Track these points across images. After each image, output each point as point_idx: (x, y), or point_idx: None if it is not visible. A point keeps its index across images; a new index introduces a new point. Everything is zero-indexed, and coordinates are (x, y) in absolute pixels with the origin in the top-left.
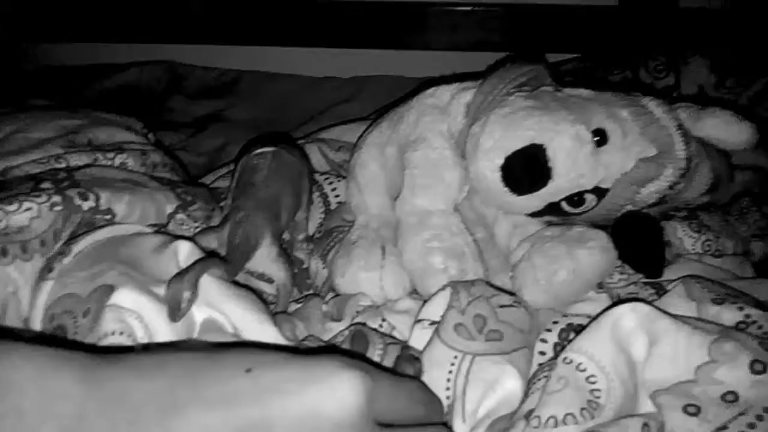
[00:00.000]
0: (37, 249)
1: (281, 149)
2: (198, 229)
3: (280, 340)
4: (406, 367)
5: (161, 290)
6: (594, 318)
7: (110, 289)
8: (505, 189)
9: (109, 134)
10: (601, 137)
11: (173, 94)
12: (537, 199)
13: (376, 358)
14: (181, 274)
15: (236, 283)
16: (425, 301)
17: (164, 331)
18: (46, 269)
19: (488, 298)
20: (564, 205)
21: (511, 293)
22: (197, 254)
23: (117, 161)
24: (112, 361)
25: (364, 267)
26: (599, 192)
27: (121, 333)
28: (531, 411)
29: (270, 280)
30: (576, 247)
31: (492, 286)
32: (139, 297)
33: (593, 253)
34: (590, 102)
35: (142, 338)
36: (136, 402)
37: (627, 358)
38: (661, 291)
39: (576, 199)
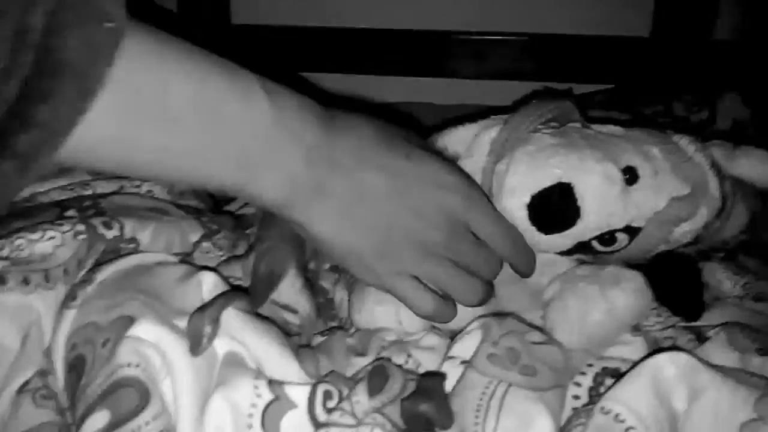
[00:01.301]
0: (60, 277)
1: None
2: (223, 257)
3: (301, 376)
4: (421, 404)
5: (183, 322)
6: (633, 366)
7: (130, 321)
8: (533, 227)
9: None
10: (631, 175)
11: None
12: (566, 238)
13: (395, 391)
14: (203, 308)
15: (259, 316)
16: (453, 338)
17: (184, 363)
18: (70, 297)
19: (521, 333)
20: (595, 244)
21: (543, 331)
22: (221, 286)
23: (143, 189)
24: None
25: (379, 301)
26: (631, 231)
27: (137, 365)
28: None
29: (295, 311)
30: (610, 288)
31: (523, 322)
32: (159, 329)
33: (628, 294)
34: (619, 139)
35: (159, 370)
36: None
37: (667, 410)
38: (701, 338)
39: (607, 237)
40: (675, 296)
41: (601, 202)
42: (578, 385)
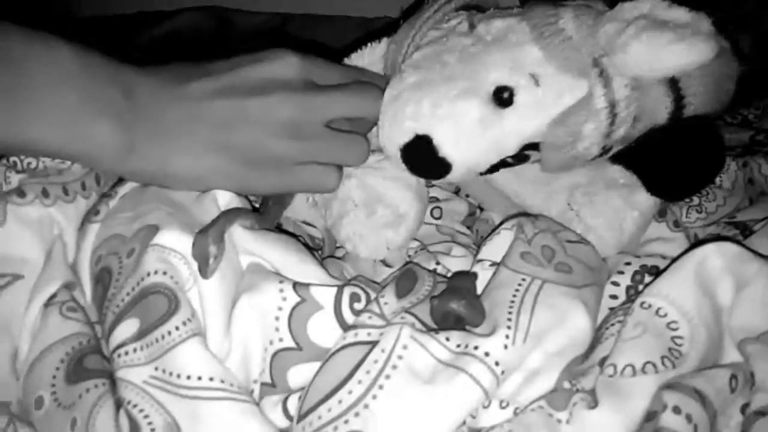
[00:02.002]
0: (78, 191)
1: None
2: None
3: (325, 279)
4: (451, 301)
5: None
6: (674, 259)
7: (155, 230)
8: None
9: None
10: (505, 96)
11: (221, 40)
12: (463, 175)
13: (424, 293)
14: (206, 229)
15: (281, 231)
16: (484, 240)
17: None
18: (93, 212)
19: (555, 232)
20: (510, 161)
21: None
22: (237, 202)
23: None
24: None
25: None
26: (533, 146)
27: (164, 273)
28: (605, 358)
29: (313, 226)
30: (629, 194)
31: (555, 222)
32: (183, 237)
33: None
34: (495, 48)
35: (187, 279)
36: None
37: (712, 302)
38: (746, 232)
39: (513, 157)
40: (651, 176)
41: (465, 147)
42: (616, 284)
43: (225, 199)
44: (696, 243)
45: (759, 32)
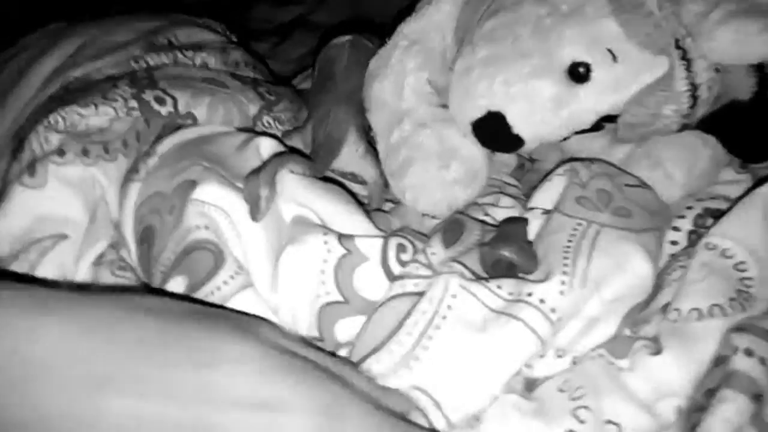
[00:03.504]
0: (119, 149)
1: (358, 36)
2: (285, 131)
3: (372, 231)
4: (502, 248)
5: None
6: (738, 199)
7: (193, 184)
8: None
9: (189, 34)
10: (580, 72)
11: (254, 1)
12: (534, 147)
13: (472, 242)
14: (257, 171)
15: (326, 180)
16: (535, 189)
17: (251, 226)
18: (133, 170)
19: (612, 176)
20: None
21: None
22: (280, 149)
23: (197, 60)
24: (55, 303)
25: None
26: (610, 118)
27: (206, 227)
28: (667, 305)
29: (362, 181)
30: (703, 135)
31: (613, 165)
32: (222, 191)
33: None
34: (571, 22)
35: (229, 233)
36: (73, 361)
37: None
38: None
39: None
40: (733, 139)
41: (539, 124)
42: (677, 229)
43: (268, 147)
44: (761, 180)
45: None
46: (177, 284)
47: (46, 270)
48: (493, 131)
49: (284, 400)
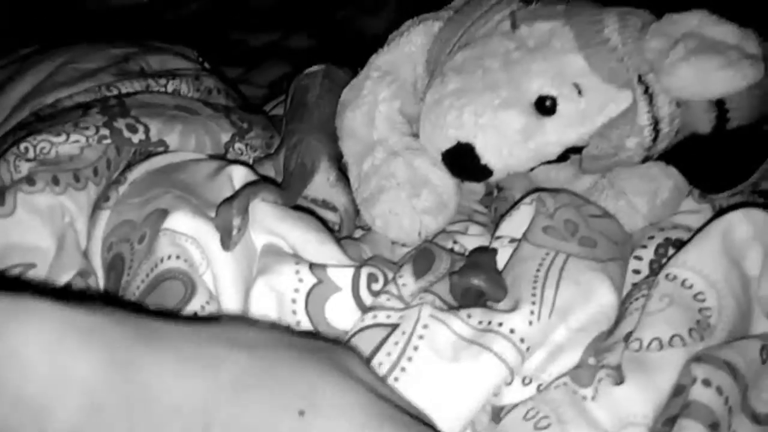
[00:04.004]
0: (90, 177)
1: (331, 66)
2: (257, 158)
3: (343, 260)
4: (471, 276)
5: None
6: (699, 230)
7: (164, 213)
8: None
9: (162, 61)
10: (547, 105)
11: (230, 26)
12: (503, 177)
13: (442, 271)
14: (230, 200)
15: (298, 209)
16: (502, 217)
17: (222, 256)
18: (103, 198)
19: (577, 206)
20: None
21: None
22: (252, 178)
23: (170, 87)
24: (153, 335)
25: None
26: (575, 149)
27: (178, 257)
28: (630, 333)
29: (333, 208)
30: (666, 166)
31: (577, 196)
32: (194, 220)
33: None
34: (537, 56)
35: (200, 263)
36: (171, 403)
37: (740, 272)
38: None
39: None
40: (693, 171)
41: (507, 155)
42: (639, 258)
43: (240, 176)
44: (721, 211)
45: None
46: None
47: None
48: (463, 161)
49: None
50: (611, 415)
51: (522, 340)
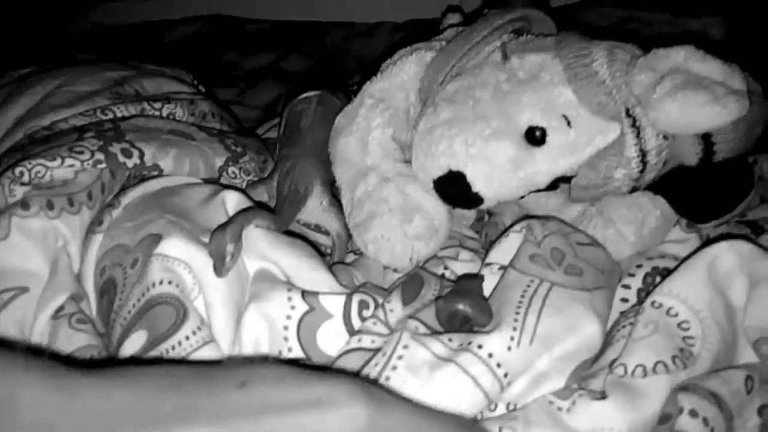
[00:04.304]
0: (84, 201)
1: (326, 92)
2: (251, 182)
3: (335, 287)
4: (457, 301)
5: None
6: (685, 259)
7: (158, 238)
8: None
9: (157, 85)
10: (537, 135)
11: (225, 48)
12: (493, 204)
13: (430, 297)
14: (223, 226)
15: (290, 234)
16: (492, 244)
17: (214, 282)
18: (96, 222)
19: (565, 234)
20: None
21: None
22: (246, 204)
23: (164, 111)
24: (94, 372)
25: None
26: (565, 178)
27: (170, 282)
28: (614, 360)
29: (326, 232)
30: (654, 196)
31: (566, 223)
32: (187, 245)
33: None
34: (527, 87)
35: (192, 288)
36: (112, 414)
37: (725, 302)
38: (758, 231)
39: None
40: (680, 201)
41: (497, 184)
42: (626, 287)
43: (234, 201)
44: (707, 242)
45: None
46: (138, 338)
47: (5, 322)
48: (455, 189)
49: None
50: (584, 423)
51: (499, 365)
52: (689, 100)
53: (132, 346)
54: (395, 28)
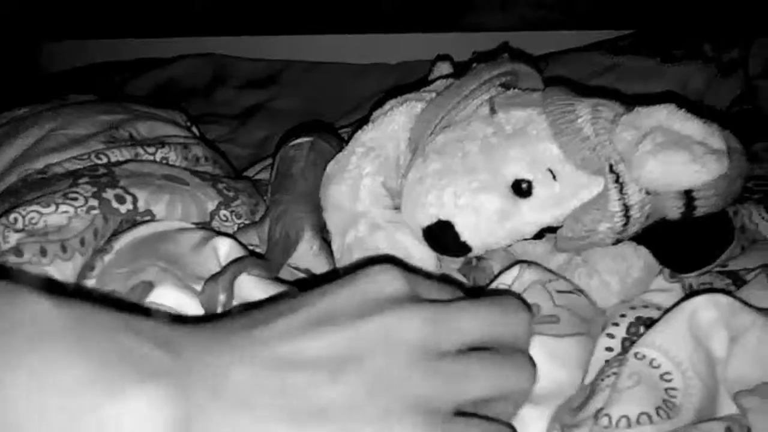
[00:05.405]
0: (77, 248)
1: (318, 138)
2: (242, 225)
3: None
4: None
5: (200, 288)
6: (667, 310)
7: (150, 287)
8: None
9: (151, 128)
10: (523, 188)
11: (218, 86)
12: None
13: None
14: (216, 276)
15: (279, 281)
16: (481, 289)
17: None
18: (88, 267)
19: (545, 283)
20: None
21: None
22: (237, 251)
23: (158, 156)
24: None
25: None
26: (551, 229)
27: None
28: (600, 410)
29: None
30: (637, 246)
31: (549, 271)
32: (179, 294)
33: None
34: (514, 142)
35: None
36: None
37: (706, 354)
38: (738, 281)
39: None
40: (662, 252)
41: (485, 234)
42: (611, 336)
43: (225, 248)
44: (690, 293)
45: None
46: None
47: None
48: (443, 238)
49: None
50: None
51: None
52: (670, 159)
53: None
54: (386, 70)
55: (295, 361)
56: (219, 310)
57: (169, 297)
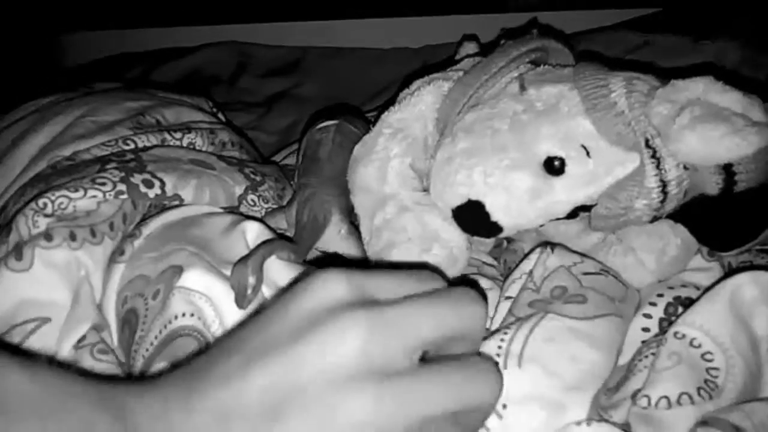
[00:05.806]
0: (106, 232)
1: (344, 121)
2: (269, 209)
3: None
4: None
5: (230, 272)
6: (707, 289)
7: (179, 270)
8: None
9: (177, 114)
10: (556, 165)
11: (242, 74)
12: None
13: None
14: (245, 258)
15: (309, 263)
16: (506, 279)
17: (235, 313)
18: (118, 252)
19: (569, 267)
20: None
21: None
22: (266, 234)
23: (185, 141)
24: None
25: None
26: (585, 208)
27: (192, 315)
28: (638, 391)
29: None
30: (675, 224)
31: (577, 252)
32: (208, 278)
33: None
34: (545, 119)
35: (213, 321)
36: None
37: (748, 333)
38: None
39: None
40: (702, 229)
41: (516, 213)
42: (648, 316)
43: (254, 232)
44: (729, 272)
45: None
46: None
47: None
48: (473, 218)
49: None
50: None
51: None
52: (708, 133)
53: None
54: (409, 54)
55: (236, 408)
56: (249, 292)
57: (197, 281)
